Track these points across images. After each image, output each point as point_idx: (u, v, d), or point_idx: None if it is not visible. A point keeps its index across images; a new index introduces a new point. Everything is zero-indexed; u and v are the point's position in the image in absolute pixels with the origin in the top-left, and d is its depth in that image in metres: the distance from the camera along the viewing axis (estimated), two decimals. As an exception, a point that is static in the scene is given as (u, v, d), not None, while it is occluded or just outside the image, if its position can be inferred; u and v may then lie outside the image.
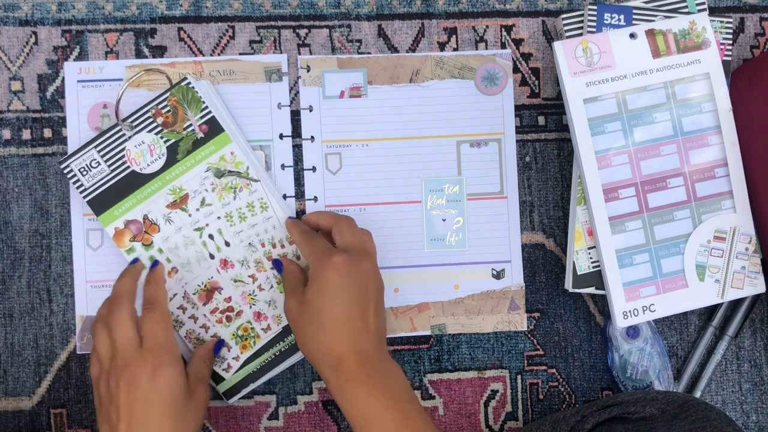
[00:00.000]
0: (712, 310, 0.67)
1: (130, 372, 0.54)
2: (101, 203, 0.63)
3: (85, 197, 0.62)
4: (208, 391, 0.60)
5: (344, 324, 0.56)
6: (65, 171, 0.62)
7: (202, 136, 0.63)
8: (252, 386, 0.64)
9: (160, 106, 0.63)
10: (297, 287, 0.60)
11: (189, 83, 0.63)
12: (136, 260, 0.63)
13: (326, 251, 0.57)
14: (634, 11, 0.63)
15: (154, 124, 0.63)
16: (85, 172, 0.62)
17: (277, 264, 0.63)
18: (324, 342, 0.56)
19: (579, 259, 0.63)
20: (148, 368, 0.54)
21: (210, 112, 0.63)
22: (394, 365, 0.57)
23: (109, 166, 0.63)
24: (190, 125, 0.63)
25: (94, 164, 0.62)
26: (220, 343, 0.63)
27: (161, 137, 0.63)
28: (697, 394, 0.67)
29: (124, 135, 0.63)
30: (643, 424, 0.54)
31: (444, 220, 0.66)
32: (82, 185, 0.62)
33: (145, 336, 0.56)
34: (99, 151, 0.62)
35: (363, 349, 0.55)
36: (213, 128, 0.63)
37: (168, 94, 0.63)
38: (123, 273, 0.60)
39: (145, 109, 0.63)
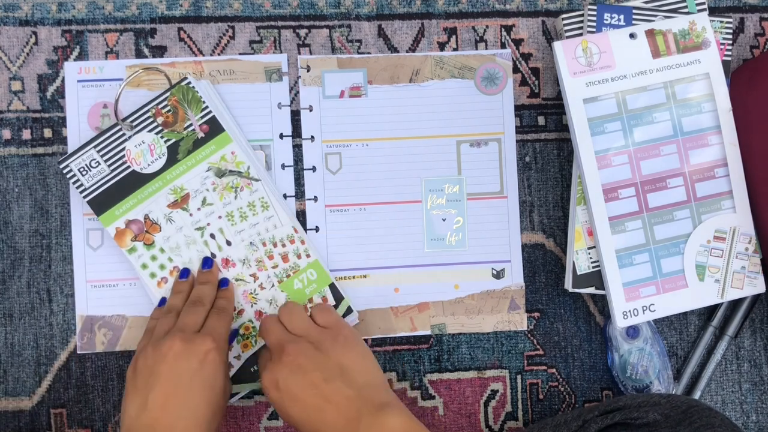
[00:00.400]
0: (712, 310, 0.67)
1: (184, 347, 0.55)
2: (101, 203, 0.63)
3: (85, 197, 0.62)
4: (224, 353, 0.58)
5: (309, 419, 0.53)
6: (65, 171, 0.62)
7: (203, 135, 0.63)
8: (254, 386, 0.64)
9: (160, 106, 0.63)
10: (266, 358, 0.60)
11: (189, 83, 0.63)
12: (210, 261, 0.64)
13: (262, 371, 0.57)
14: (634, 11, 0.63)
15: (155, 124, 0.63)
16: (84, 172, 0.62)
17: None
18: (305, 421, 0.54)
19: (579, 259, 0.63)
20: (202, 349, 0.55)
21: (210, 111, 0.63)
22: (393, 417, 0.52)
23: (109, 165, 0.63)
24: (191, 125, 0.63)
25: (93, 164, 0.62)
26: (234, 332, 0.64)
27: (161, 137, 0.63)
28: (697, 394, 0.67)
29: (124, 135, 0.63)
30: (646, 430, 0.53)
31: (444, 220, 0.66)
32: (82, 185, 0.62)
33: (207, 325, 0.58)
34: (99, 151, 0.62)
35: (343, 418, 0.52)
36: (213, 128, 0.63)
37: (168, 94, 0.63)
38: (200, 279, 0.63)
39: (145, 109, 0.63)
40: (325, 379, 0.54)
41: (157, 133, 0.63)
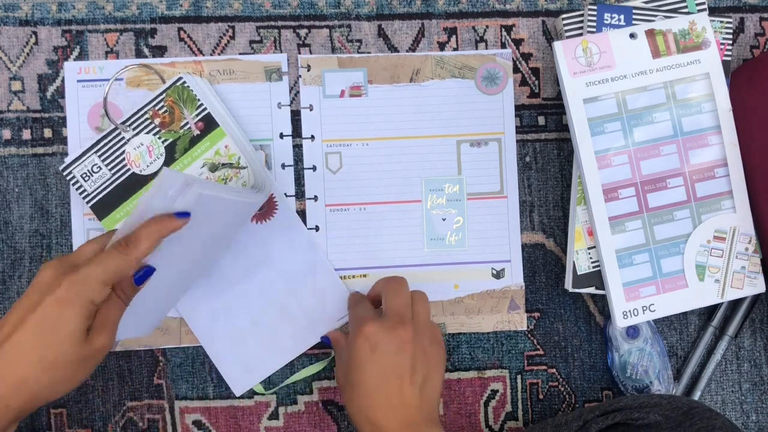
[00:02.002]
0: (712, 310, 0.67)
1: (49, 281, 0.48)
2: (103, 207, 0.63)
3: (88, 202, 0.62)
4: (111, 339, 0.50)
5: (375, 394, 0.53)
6: (68, 177, 0.62)
7: (198, 133, 0.63)
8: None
9: (157, 108, 0.63)
10: (342, 355, 0.59)
11: (184, 82, 0.63)
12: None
13: (360, 320, 0.56)
14: (634, 11, 0.63)
15: (152, 125, 0.63)
16: (87, 178, 0.62)
17: (325, 340, 0.64)
18: (358, 410, 0.54)
19: (579, 259, 0.63)
20: (60, 291, 0.47)
21: (205, 109, 0.63)
22: None
23: (110, 170, 0.63)
24: (187, 123, 0.63)
25: (95, 169, 0.62)
26: (147, 271, 0.51)
27: (159, 138, 0.63)
28: (697, 394, 0.67)
29: (123, 138, 0.63)
30: (647, 431, 0.53)
31: (444, 220, 0.66)
32: (84, 191, 0.62)
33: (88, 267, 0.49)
34: (100, 156, 0.62)
35: (397, 420, 0.52)
36: (208, 124, 0.63)
37: (164, 95, 0.63)
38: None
39: (143, 111, 0.63)
40: (413, 374, 0.54)
41: (155, 134, 0.63)
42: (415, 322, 0.56)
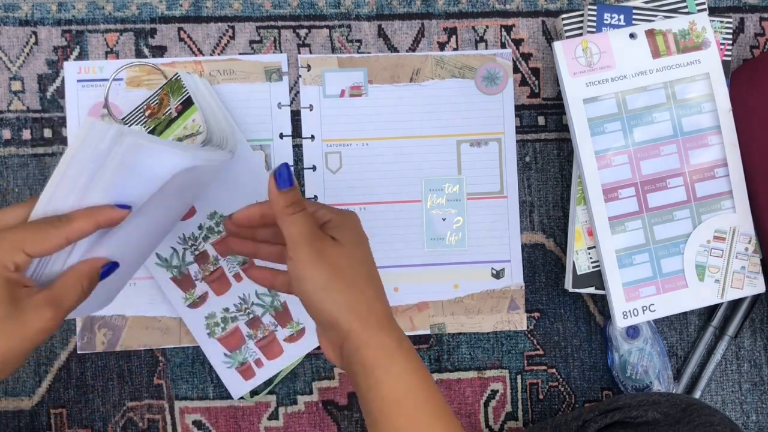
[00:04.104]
0: (712, 310, 0.67)
1: None
2: None
3: None
4: (57, 321, 0.45)
5: (373, 274, 0.49)
6: None
7: (176, 115, 0.62)
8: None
9: (151, 102, 0.63)
10: (311, 235, 0.47)
11: (179, 77, 0.63)
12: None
13: (341, 210, 0.51)
14: (634, 11, 0.63)
15: (143, 117, 0.63)
16: None
17: (286, 175, 0.48)
18: (369, 297, 0.47)
19: (579, 259, 0.63)
20: None
21: (187, 93, 0.62)
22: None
23: None
24: (169, 109, 0.62)
25: None
26: (113, 265, 0.49)
27: (145, 126, 0.63)
28: (697, 394, 0.67)
29: None
30: (645, 429, 0.53)
31: (444, 220, 0.66)
32: None
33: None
34: None
35: (387, 305, 0.49)
36: (186, 105, 0.62)
37: (159, 91, 0.63)
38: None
39: (140, 107, 0.63)
40: (370, 264, 0.49)
41: (143, 125, 0.63)
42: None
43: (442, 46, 0.67)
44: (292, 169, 0.58)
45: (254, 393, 0.66)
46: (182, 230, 0.64)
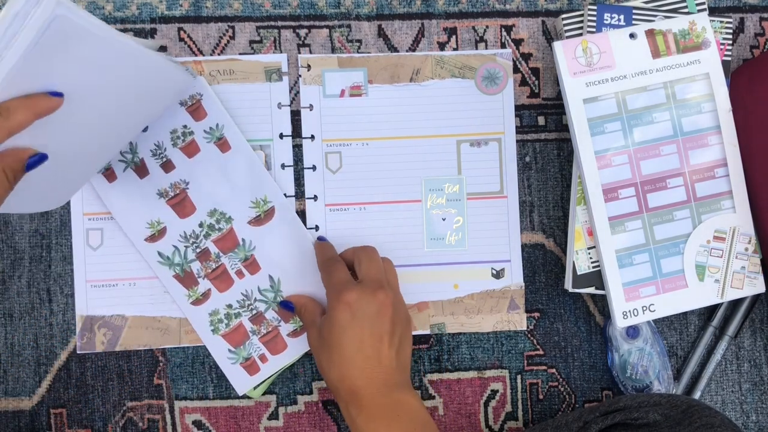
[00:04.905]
0: (712, 310, 0.67)
1: None
2: None
3: None
4: None
5: (355, 357, 0.55)
6: None
7: None
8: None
9: None
10: (315, 318, 0.61)
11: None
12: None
13: (340, 287, 0.57)
14: (634, 11, 0.63)
15: None
16: None
17: (286, 305, 0.64)
18: (337, 374, 0.55)
19: (579, 259, 0.63)
20: None
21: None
22: (413, 397, 0.56)
23: None
24: None
25: None
26: (40, 157, 0.47)
27: None
28: (697, 394, 0.67)
29: None
30: (646, 431, 0.53)
31: (444, 220, 0.66)
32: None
33: None
34: None
35: (376, 381, 0.55)
36: None
37: None
38: None
39: None
40: (391, 337, 0.56)
41: None
42: (390, 287, 0.58)
43: (442, 46, 0.67)
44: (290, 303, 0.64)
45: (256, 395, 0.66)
46: (183, 228, 0.64)
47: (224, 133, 0.64)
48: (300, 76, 0.66)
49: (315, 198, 0.66)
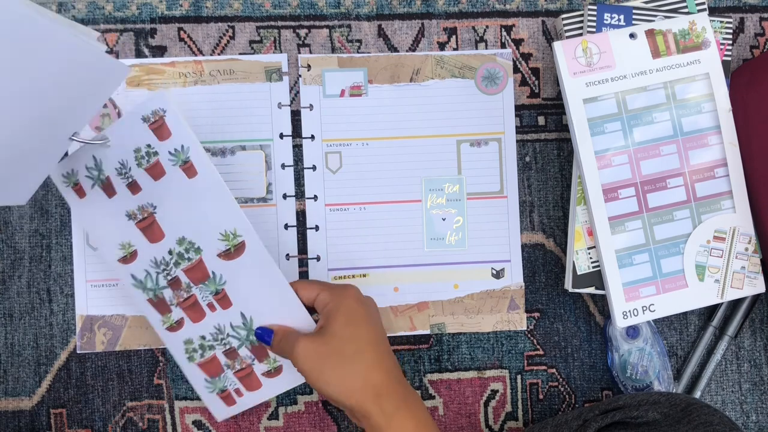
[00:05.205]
0: (712, 310, 0.67)
1: None
2: None
3: None
4: None
5: (378, 348, 0.53)
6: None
7: None
8: None
9: None
10: (300, 335, 0.55)
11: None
12: None
13: (338, 286, 0.56)
14: (634, 11, 0.63)
15: None
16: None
17: (263, 335, 0.59)
18: (361, 371, 0.52)
19: (579, 259, 0.63)
20: None
21: None
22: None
23: None
24: None
25: None
26: None
27: None
28: (697, 394, 0.67)
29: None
30: (645, 429, 0.53)
31: (444, 220, 0.66)
32: None
33: None
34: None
35: (397, 372, 0.54)
36: None
37: None
38: None
39: None
40: (384, 339, 0.55)
41: None
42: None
43: (442, 46, 0.67)
44: (264, 329, 0.60)
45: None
46: (153, 253, 0.60)
47: (190, 156, 0.58)
48: (300, 76, 0.66)
49: (315, 198, 0.66)
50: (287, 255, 0.66)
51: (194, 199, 0.59)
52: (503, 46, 0.67)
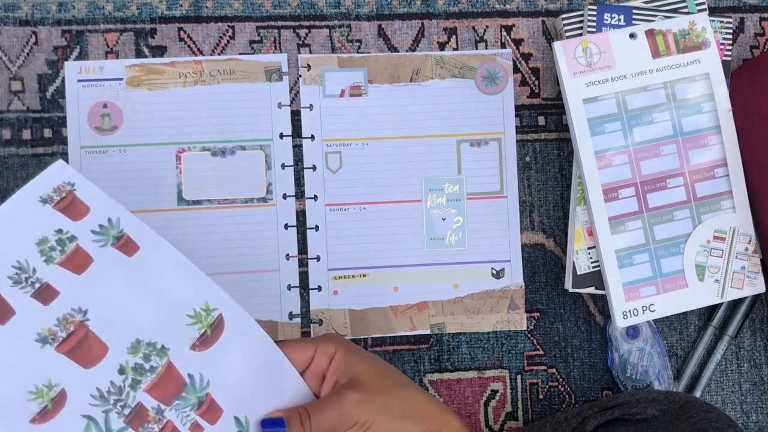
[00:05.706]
0: (712, 310, 0.67)
1: None
2: None
3: None
4: None
5: (404, 377, 0.52)
6: None
7: None
8: None
9: None
10: (336, 399, 0.47)
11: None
12: None
13: (347, 343, 0.52)
14: (634, 11, 0.63)
15: None
16: None
17: (273, 426, 0.46)
18: (420, 391, 0.51)
19: (579, 259, 0.63)
20: None
21: None
22: None
23: None
24: None
25: None
26: None
27: None
28: (697, 394, 0.67)
29: None
30: (644, 426, 0.54)
31: (444, 220, 0.66)
32: None
33: None
34: None
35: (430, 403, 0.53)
36: None
37: None
38: None
39: None
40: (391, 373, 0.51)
41: None
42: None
43: (442, 46, 0.67)
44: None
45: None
46: (93, 383, 0.43)
47: (124, 228, 0.46)
48: (300, 76, 0.66)
49: (315, 198, 0.66)
50: (287, 255, 0.66)
51: (142, 281, 0.45)
52: (503, 46, 0.67)
